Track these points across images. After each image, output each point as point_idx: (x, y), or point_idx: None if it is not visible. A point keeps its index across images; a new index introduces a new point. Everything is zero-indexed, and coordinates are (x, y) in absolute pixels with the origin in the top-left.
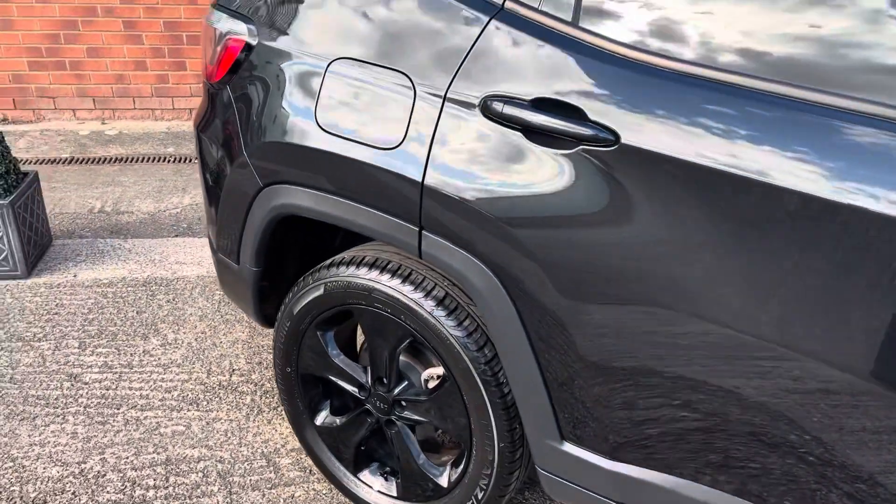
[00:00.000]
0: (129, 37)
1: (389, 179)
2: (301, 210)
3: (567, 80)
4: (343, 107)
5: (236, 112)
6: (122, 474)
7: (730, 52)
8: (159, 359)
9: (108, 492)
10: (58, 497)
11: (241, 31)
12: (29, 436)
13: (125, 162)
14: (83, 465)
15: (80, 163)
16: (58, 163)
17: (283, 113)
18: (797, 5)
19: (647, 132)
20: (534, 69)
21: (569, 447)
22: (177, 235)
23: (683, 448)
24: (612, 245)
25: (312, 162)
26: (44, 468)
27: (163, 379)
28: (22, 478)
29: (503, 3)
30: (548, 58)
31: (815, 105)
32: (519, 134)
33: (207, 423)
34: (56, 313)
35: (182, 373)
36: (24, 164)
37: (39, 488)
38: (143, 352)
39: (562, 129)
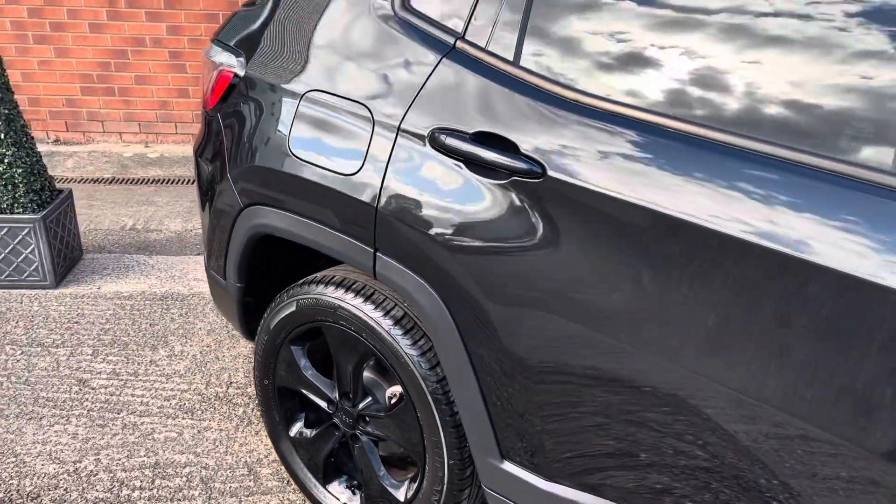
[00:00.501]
0: (173, 66)
1: (349, 204)
2: (276, 230)
3: (505, 115)
4: (313, 135)
5: (224, 137)
6: (112, 475)
7: (649, 94)
8: (164, 369)
9: (97, 490)
10: (51, 492)
11: (232, 63)
12: (33, 434)
13: (162, 183)
14: (78, 465)
15: (121, 183)
16: (100, 182)
17: (263, 139)
18: (700, 49)
19: (570, 166)
20: (476, 104)
21: (508, 466)
22: (198, 254)
23: (613, 473)
24: (541, 270)
25: (286, 186)
26: (42, 465)
27: (164, 388)
28: (21, 472)
29: (455, 43)
30: (489, 94)
31: (715, 143)
32: (461, 165)
33: (199, 432)
34: (76, 322)
35: (182, 383)
36: (69, 182)
37: (35, 483)
38: (150, 361)
39: (497, 161)
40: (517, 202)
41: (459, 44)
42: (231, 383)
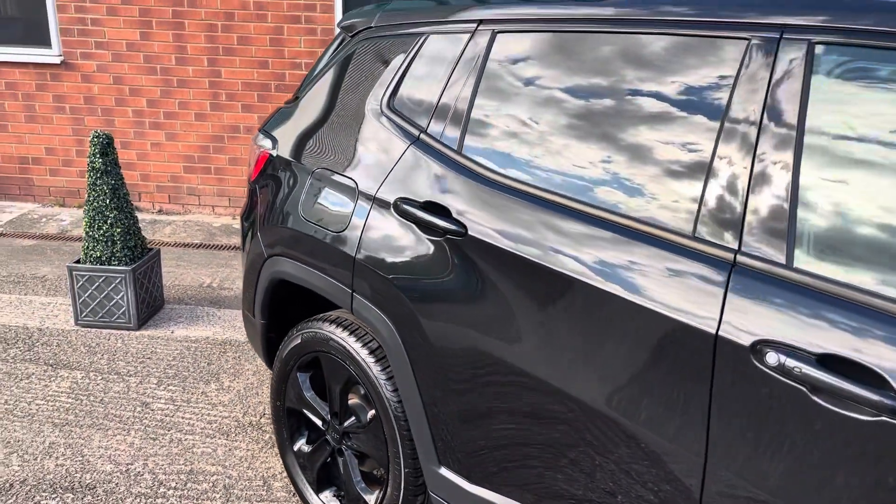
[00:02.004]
0: None
1: (336, 254)
2: (289, 276)
3: (444, 189)
4: (316, 201)
5: (258, 203)
6: (154, 476)
7: (541, 177)
8: (211, 399)
9: (140, 486)
10: (104, 485)
11: (267, 146)
12: (99, 441)
13: (241, 250)
14: (129, 466)
15: (207, 248)
16: (190, 247)
17: (282, 204)
18: (578, 143)
19: (487, 228)
20: (427, 181)
21: (444, 471)
22: None
23: (524, 477)
24: (466, 309)
25: (296, 240)
26: (101, 464)
27: (209, 414)
28: (84, 468)
29: (419, 135)
30: (436, 173)
31: (598, 219)
32: (413, 225)
33: (230, 450)
34: (148, 358)
35: (225, 411)
36: (164, 245)
37: (94, 477)
38: (202, 393)
39: (435, 223)
40: (448, 254)
41: (423, 136)
42: (264, 414)
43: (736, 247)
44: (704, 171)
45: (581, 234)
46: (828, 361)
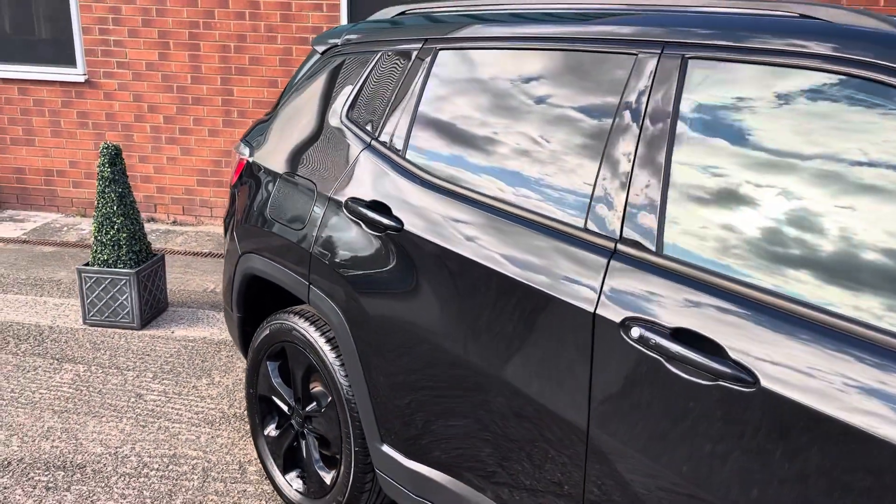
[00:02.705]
0: None
1: (296, 250)
2: (258, 271)
3: (387, 189)
4: (282, 202)
5: (236, 205)
6: (140, 458)
7: (471, 179)
8: (201, 392)
9: (125, 467)
10: (93, 465)
11: (245, 153)
12: (93, 427)
13: None
14: (118, 449)
15: (214, 257)
16: (198, 255)
17: (254, 205)
18: (509, 152)
19: (420, 224)
20: (373, 182)
21: (385, 448)
22: None
23: (452, 453)
24: (401, 298)
25: (264, 238)
26: (93, 447)
27: (197, 406)
28: (77, 450)
29: (370, 142)
30: (381, 175)
31: (510, 214)
32: (360, 222)
33: (212, 438)
34: (147, 355)
35: (212, 403)
36: (174, 254)
37: (84, 458)
38: (192, 387)
39: (377, 220)
40: (388, 248)
41: (373, 142)
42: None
43: (617, 237)
44: (596, 171)
45: (494, 227)
46: (680, 335)
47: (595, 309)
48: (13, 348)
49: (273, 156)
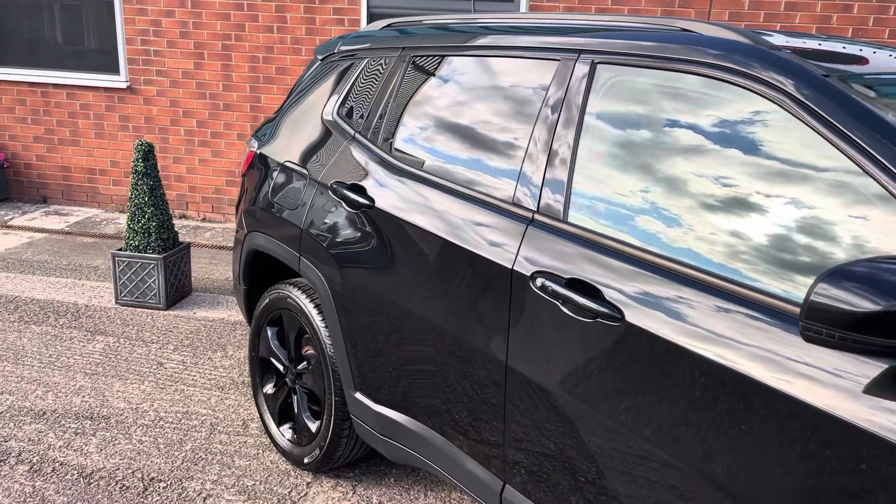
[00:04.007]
0: None
1: (290, 227)
2: (260, 246)
3: (363, 173)
4: (281, 187)
5: (245, 191)
6: (157, 413)
7: (429, 163)
8: (216, 363)
9: (144, 419)
10: (116, 416)
11: (254, 146)
12: (118, 387)
13: None
14: (139, 406)
15: None
16: (224, 249)
17: (259, 190)
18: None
19: (388, 201)
20: (353, 168)
21: (358, 395)
22: None
23: (417, 399)
24: (371, 262)
25: (265, 218)
26: (116, 402)
27: (211, 374)
28: (102, 404)
29: (354, 134)
30: (360, 162)
31: (457, 193)
32: (342, 202)
33: (221, 399)
34: (170, 331)
35: (224, 373)
36: (202, 248)
37: (109, 411)
38: (208, 358)
39: (355, 199)
40: (365, 223)
41: (357, 135)
42: None
43: (535, 208)
44: (523, 155)
45: (444, 203)
46: (572, 283)
47: (513, 266)
48: (53, 321)
49: (276, 148)
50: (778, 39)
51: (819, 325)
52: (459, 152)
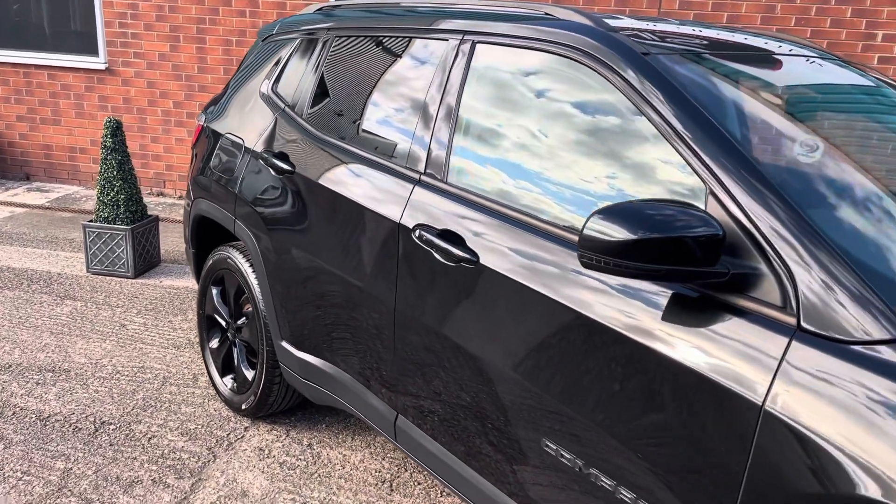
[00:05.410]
0: None
1: (227, 192)
2: (203, 211)
3: (288, 143)
4: (222, 155)
5: (194, 161)
6: (114, 367)
7: (343, 132)
8: (175, 326)
9: (102, 373)
10: (77, 370)
11: (202, 119)
12: (81, 345)
13: None
14: (98, 361)
15: None
16: None
17: (204, 159)
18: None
19: (308, 168)
20: (281, 138)
21: (284, 343)
22: None
23: (336, 347)
24: (292, 222)
25: (209, 185)
26: (78, 358)
27: (169, 335)
28: (65, 359)
29: (284, 108)
30: (286, 133)
31: (364, 159)
32: (270, 168)
33: (175, 357)
34: (136, 298)
35: (182, 334)
36: (177, 223)
37: (70, 365)
38: (168, 321)
39: (279, 165)
40: (288, 187)
41: (286, 109)
42: None
43: (422, 170)
44: (415, 125)
45: (353, 168)
46: (444, 234)
47: (400, 220)
48: (26, 287)
49: (220, 121)
50: (623, 23)
51: (590, 253)
52: (367, 123)
